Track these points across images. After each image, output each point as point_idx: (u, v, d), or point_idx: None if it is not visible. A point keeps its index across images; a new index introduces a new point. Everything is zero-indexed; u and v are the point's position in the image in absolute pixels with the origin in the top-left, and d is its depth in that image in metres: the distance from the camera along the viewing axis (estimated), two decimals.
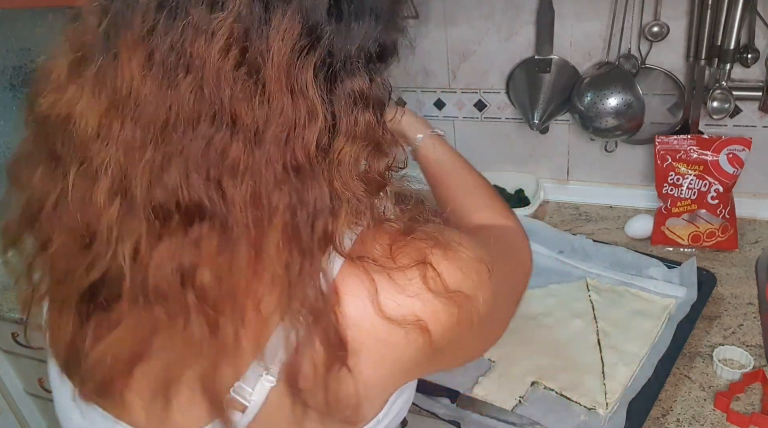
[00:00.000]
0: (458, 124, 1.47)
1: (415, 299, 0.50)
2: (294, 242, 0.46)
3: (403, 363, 0.52)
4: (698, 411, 0.90)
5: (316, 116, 0.46)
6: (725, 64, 1.13)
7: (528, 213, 1.35)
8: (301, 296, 0.47)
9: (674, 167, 1.20)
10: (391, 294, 0.49)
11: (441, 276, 0.50)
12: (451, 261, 0.52)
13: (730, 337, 1.02)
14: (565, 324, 1.05)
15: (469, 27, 1.33)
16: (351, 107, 0.48)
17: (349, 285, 0.49)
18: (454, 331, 0.52)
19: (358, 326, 0.49)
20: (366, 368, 0.50)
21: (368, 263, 0.50)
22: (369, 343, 0.50)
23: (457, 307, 0.51)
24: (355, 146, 0.48)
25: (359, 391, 0.51)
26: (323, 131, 0.46)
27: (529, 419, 0.90)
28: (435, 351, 0.52)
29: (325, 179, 0.47)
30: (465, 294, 0.52)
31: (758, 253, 1.20)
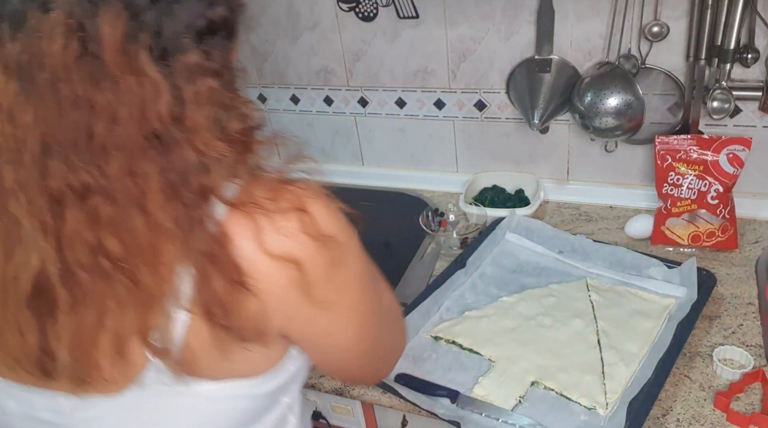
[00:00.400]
0: (458, 124, 1.47)
1: (292, 239, 0.58)
2: (176, 200, 0.54)
3: (286, 300, 0.59)
4: (698, 411, 0.90)
5: (160, 90, 0.52)
6: (725, 64, 1.13)
7: (528, 213, 1.35)
8: (195, 242, 0.55)
9: (674, 167, 1.20)
10: (271, 234, 0.57)
11: (316, 221, 0.59)
12: (327, 210, 0.61)
13: (730, 337, 1.02)
14: (565, 323, 1.05)
15: (469, 27, 1.33)
16: (191, 78, 0.54)
17: (235, 227, 0.57)
18: (327, 273, 0.60)
19: (245, 261, 0.57)
20: (258, 291, 0.58)
21: (250, 207, 0.57)
22: (255, 276, 0.57)
23: (328, 249, 0.60)
24: (203, 111, 0.54)
25: (259, 313, 0.59)
26: (172, 102, 0.53)
27: (529, 419, 0.90)
28: (312, 294, 0.60)
29: (187, 143, 0.54)
30: (337, 240, 0.61)
31: (758, 253, 1.20)
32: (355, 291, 0.66)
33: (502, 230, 1.30)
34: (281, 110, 1.64)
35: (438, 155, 1.55)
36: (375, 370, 0.79)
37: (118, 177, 0.52)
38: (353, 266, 0.65)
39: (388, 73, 1.46)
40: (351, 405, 1.09)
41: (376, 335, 0.72)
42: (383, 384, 0.97)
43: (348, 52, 1.47)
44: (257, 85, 1.62)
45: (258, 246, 0.57)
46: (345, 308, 0.65)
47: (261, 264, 0.57)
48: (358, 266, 0.66)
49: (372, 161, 1.64)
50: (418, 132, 1.53)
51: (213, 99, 0.55)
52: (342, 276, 0.63)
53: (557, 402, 0.93)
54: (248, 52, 1.57)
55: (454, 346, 1.05)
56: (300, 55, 1.52)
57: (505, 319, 1.08)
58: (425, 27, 1.36)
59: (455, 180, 1.53)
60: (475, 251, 1.24)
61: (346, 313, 0.66)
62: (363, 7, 1.38)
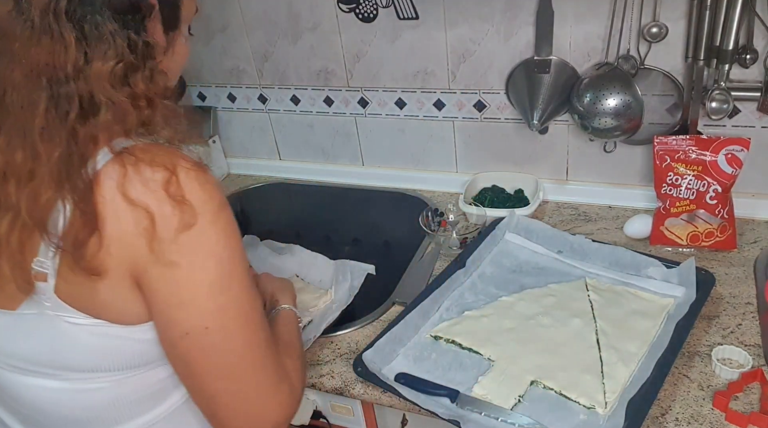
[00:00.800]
0: (458, 124, 1.48)
1: (151, 192, 0.65)
2: (59, 137, 0.64)
3: (132, 246, 0.66)
4: (697, 411, 0.90)
5: (69, 45, 0.63)
6: (724, 64, 1.13)
7: (527, 213, 1.35)
8: (70, 183, 0.64)
9: (673, 167, 1.21)
10: (134, 181, 0.65)
11: (180, 185, 0.66)
12: (198, 180, 0.67)
13: (728, 337, 1.02)
14: (564, 323, 1.06)
15: (468, 28, 1.33)
16: (102, 42, 0.65)
17: (107, 171, 0.66)
18: (177, 234, 0.66)
19: (106, 200, 0.65)
20: (108, 230, 0.66)
21: (126, 156, 0.66)
22: (111, 214, 0.65)
23: (183, 213, 0.66)
24: (106, 66, 0.65)
25: (102, 250, 0.66)
26: (78, 56, 0.64)
27: (528, 418, 0.91)
28: (158, 250, 0.66)
29: (83, 90, 0.64)
30: (195, 208, 0.66)
31: (757, 253, 1.20)
32: (204, 264, 0.69)
33: (502, 230, 1.30)
34: (281, 111, 1.65)
35: (438, 156, 1.55)
36: (232, 400, 0.74)
37: (17, 111, 0.64)
38: (209, 241, 0.68)
39: (388, 73, 1.46)
40: (351, 404, 1.09)
41: (229, 336, 0.71)
42: (383, 383, 0.98)
43: (348, 53, 1.47)
44: (257, 85, 1.62)
45: (118, 188, 0.65)
46: (192, 278, 0.68)
47: (116, 205, 0.65)
48: (216, 244, 0.69)
49: (372, 162, 1.64)
50: (417, 132, 1.53)
51: (121, 60, 0.65)
52: (192, 244, 0.67)
53: (556, 402, 0.93)
54: (249, 53, 1.57)
55: (454, 345, 1.06)
56: (300, 55, 1.52)
57: (505, 319, 1.09)
58: (425, 28, 1.36)
59: (455, 180, 1.53)
60: (475, 251, 1.24)
61: (192, 284, 0.68)
62: (363, 8, 1.39)
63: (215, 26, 1.56)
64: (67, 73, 0.64)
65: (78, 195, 0.65)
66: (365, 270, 1.24)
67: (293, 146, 1.71)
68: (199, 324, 0.69)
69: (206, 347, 0.71)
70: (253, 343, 0.74)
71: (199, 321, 0.69)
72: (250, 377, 0.74)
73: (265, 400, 0.76)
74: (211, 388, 0.73)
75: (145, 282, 0.68)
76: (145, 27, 0.69)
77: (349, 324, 1.15)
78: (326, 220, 1.53)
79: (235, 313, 0.72)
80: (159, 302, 0.69)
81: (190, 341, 0.70)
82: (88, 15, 0.64)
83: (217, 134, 1.75)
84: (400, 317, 1.09)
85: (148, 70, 0.69)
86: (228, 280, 0.70)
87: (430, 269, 1.28)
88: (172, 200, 0.65)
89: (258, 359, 0.75)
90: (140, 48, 0.68)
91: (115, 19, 0.66)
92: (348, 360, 1.07)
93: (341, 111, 1.58)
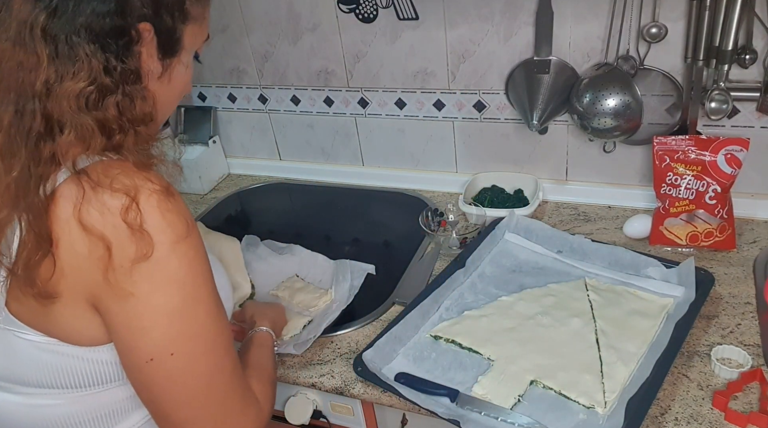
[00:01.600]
0: (458, 124, 1.48)
1: (108, 219, 0.63)
2: (19, 155, 0.63)
3: (86, 272, 0.64)
4: (696, 410, 0.90)
5: (41, 62, 0.63)
6: (723, 65, 1.14)
7: (527, 213, 1.35)
8: (26, 201, 0.63)
9: (672, 167, 1.21)
10: (91, 206, 0.63)
11: (140, 213, 0.64)
12: (160, 208, 0.65)
13: (728, 336, 1.02)
14: (563, 323, 1.06)
15: (468, 28, 1.33)
16: (75, 62, 0.64)
17: (64, 191, 0.64)
18: (132, 266, 0.64)
19: (61, 222, 0.64)
20: (62, 255, 0.64)
21: (85, 178, 0.64)
22: (65, 238, 0.64)
23: (140, 244, 0.63)
24: (76, 86, 0.63)
25: (55, 274, 0.65)
26: (50, 73, 0.63)
27: (528, 418, 0.91)
28: (112, 279, 0.64)
29: (50, 109, 0.63)
30: (153, 239, 0.64)
31: (756, 253, 1.20)
32: (165, 291, 0.66)
33: (502, 230, 1.30)
34: (282, 111, 1.65)
35: (437, 156, 1.55)
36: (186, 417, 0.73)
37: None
38: (168, 269, 0.66)
39: (388, 74, 1.47)
40: (351, 404, 1.10)
41: (194, 361, 0.70)
42: (383, 383, 0.98)
43: (348, 54, 1.47)
44: (258, 85, 1.63)
45: (74, 212, 0.63)
46: (151, 305, 0.66)
47: (71, 229, 0.63)
48: (178, 271, 0.66)
49: (372, 162, 1.64)
50: (417, 133, 1.53)
51: (93, 82, 0.64)
52: (150, 272, 0.65)
53: (556, 401, 0.94)
54: (249, 53, 1.58)
55: (454, 345, 1.06)
56: (300, 56, 1.52)
57: (505, 318, 1.09)
58: (425, 28, 1.37)
59: (455, 180, 1.53)
60: (475, 250, 1.24)
61: (152, 311, 0.66)
62: (363, 8, 1.39)
63: (216, 26, 1.56)
64: (35, 89, 0.63)
65: (33, 214, 0.63)
66: (365, 270, 1.24)
67: (293, 146, 1.71)
68: (164, 350, 0.68)
69: (171, 373, 0.69)
70: (219, 369, 0.72)
71: (163, 347, 0.68)
72: (216, 403, 0.72)
73: (233, 425, 0.74)
74: (177, 415, 0.71)
75: (103, 309, 0.67)
76: (131, 52, 0.67)
77: (349, 323, 1.15)
78: (326, 220, 1.53)
79: (200, 339, 0.70)
80: (119, 329, 0.68)
81: (155, 367, 0.68)
82: (64, 34, 0.63)
83: (218, 134, 1.75)
84: (400, 317, 1.09)
85: (123, 95, 0.67)
86: (192, 306, 0.69)
87: (430, 269, 1.28)
88: (130, 229, 0.63)
89: (224, 385, 0.73)
90: (118, 72, 0.66)
91: (93, 41, 0.64)
92: (348, 359, 1.07)
93: (341, 111, 1.58)
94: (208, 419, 0.72)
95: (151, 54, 0.70)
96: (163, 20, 0.70)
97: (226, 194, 1.70)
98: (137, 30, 0.67)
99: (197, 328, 0.70)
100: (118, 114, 0.66)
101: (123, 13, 0.65)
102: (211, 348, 0.71)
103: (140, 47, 0.69)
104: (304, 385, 1.07)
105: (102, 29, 0.64)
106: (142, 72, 0.70)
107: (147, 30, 0.68)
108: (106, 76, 0.65)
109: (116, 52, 0.66)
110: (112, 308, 0.66)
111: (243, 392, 0.76)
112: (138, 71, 0.69)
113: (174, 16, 0.71)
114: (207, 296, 0.71)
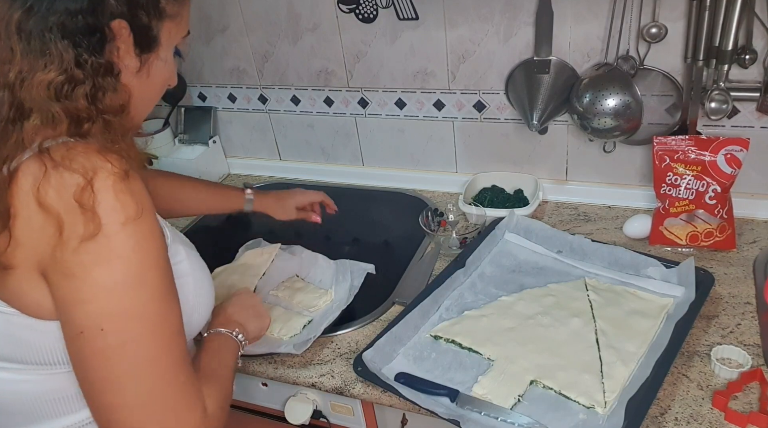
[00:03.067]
0: (458, 124, 1.48)
1: (61, 197, 0.65)
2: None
3: (37, 245, 0.66)
4: (696, 410, 0.90)
5: (15, 55, 0.66)
6: (723, 65, 1.14)
7: (527, 213, 1.35)
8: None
9: (672, 167, 1.21)
10: (48, 184, 0.65)
11: (93, 194, 0.65)
12: (114, 192, 0.66)
13: (727, 336, 1.02)
14: (563, 323, 1.06)
15: (468, 28, 1.33)
16: (47, 56, 0.66)
17: (26, 168, 0.66)
18: (77, 245, 0.65)
19: (20, 198, 0.66)
20: (18, 229, 0.66)
21: (47, 157, 0.66)
22: (23, 213, 0.66)
23: (88, 224, 0.65)
24: (47, 77, 0.66)
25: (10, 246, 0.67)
26: (23, 65, 0.66)
27: (528, 417, 0.91)
28: (58, 255, 0.65)
29: (21, 97, 0.66)
30: (101, 221, 0.65)
31: (756, 253, 1.20)
32: (109, 265, 0.67)
33: (501, 230, 1.31)
34: (282, 111, 1.65)
35: (437, 156, 1.55)
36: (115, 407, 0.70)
37: None
38: (114, 245, 0.67)
39: (388, 74, 1.47)
40: (351, 404, 1.10)
41: (128, 342, 0.69)
42: (383, 383, 0.98)
43: (348, 54, 1.47)
44: (258, 85, 1.63)
45: (32, 190, 0.65)
46: (93, 277, 0.66)
47: (29, 206, 0.65)
48: (123, 248, 0.67)
49: (372, 162, 1.64)
50: (417, 133, 1.53)
51: (63, 73, 0.66)
52: (96, 249, 0.66)
53: (556, 401, 0.94)
54: (249, 53, 1.58)
55: (454, 345, 1.06)
56: (300, 56, 1.52)
57: (504, 318, 1.09)
58: (425, 28, 1.37)
59: (454, 180, 1.53)
60: (475, 250, 1.24)
61: (93, 283, 0.67)
62: (363, 8, 1.39)
63: (216, 26, 1.56)
64: (8, 80, 0.66)
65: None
66: (365, 270, 1.24)
67: (293, 146, 1.71)
68: (94, 324, 0.67)
69: (100, 349, 0.68)
70: (156, 357, 0.70)
71: (95, 320, 0.67)
72: (150, 393, 0.70)
73: (169, 423, 0.71)
74: (106, 398, 0.69)
75: (51, 282, 0.68)
76: (104, 48, 0.70)
77: (349, 323, 1.15)
78: (326, 220, 1.53)
79: (138, 321, 0.69)
80: (59, 299, 0.68)
81: (84, 341, 0.68)
82: (38, 30, 0.66)
83: (218, 134, 1.75)
84: (400, 317, 1.09)
85: (93, 87, 0.69)
86: (136, 286, 0.68)
87: (430, 269, 1.28)
88: (81, 209, 0.65)
89: (162, 375, 0.70)
90: (90, 65, 0.68)
91: (66, 37, 0.67)
92: (348, 359, 1.07)
93: (341, 111, 1.58)
94: (140, 409, 0.70)
95: (128, 50, 0.72)
96: (139, 18, 0.72)
97: None
98: (110, 27, 0.69)
99: (138, 309, 0.69)
100: (87, 104, 0.69)
101: (95, 11, 0.68)
102: (149, 333, 0.70)
103: (117, 43, 0.71)
104: (304, 385, 1.07)
105: (75, 27, 0.67)
106: (116, 66, 0.72)
107: (123, 27, 0.71)
108: (77, 68, 0.68)
109: (88, 48, 0.68)
110: (58, 282, 0.67)
111: (186, 389, 0.73)
112: (111, 65, 0.71)
113: (149, 13, 0.73)
114: (155, 280, 0.70)
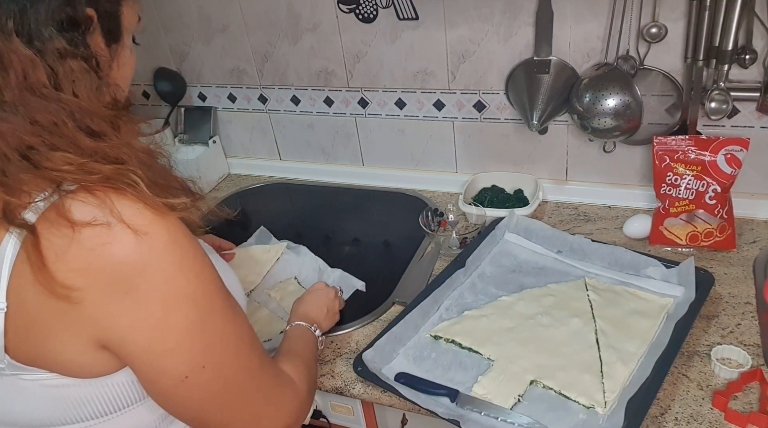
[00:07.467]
0: (458, 124, 1.48)
1: (89, 261, 0.61)
2: None
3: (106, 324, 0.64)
4: (696, 410, 0.90)
5: (9, 61, 0.63)
6: (723, 65, 1.14)
7: (527, 213, 1.35)
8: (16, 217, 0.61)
9: (672, 167, 1.21)
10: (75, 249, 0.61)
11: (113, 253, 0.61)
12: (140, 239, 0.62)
13: (727, 336, 1.02)
14: (563, 323, 1.06)
15: (468, 28, 1.33)
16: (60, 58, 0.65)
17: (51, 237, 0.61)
18: (119, 300, 0.62)
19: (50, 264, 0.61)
20: None
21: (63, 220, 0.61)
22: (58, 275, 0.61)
23: (121, 280, 0.62)
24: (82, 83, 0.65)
25: None
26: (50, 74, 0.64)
27: (528, 417, 0.91)
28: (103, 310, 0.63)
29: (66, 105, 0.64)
30: (134, 270, 0.62)
31: (756, 253, 1.20)
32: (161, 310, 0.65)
33: (501, 230, 1.31)
34: (282, 111, 1.65)
35: (437, 156, 1.55)
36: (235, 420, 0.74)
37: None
38: (176, 285, 0.65)
39: (388, 74, 1.47)
40: (351, 403, 1.10)
41: (224, 367, 0.71)
42: (383, 383, 0.98)
43: (348, 54, 1.47)
44: (258, 85, 1.63)
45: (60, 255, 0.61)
46: (149, 325, 0.65)
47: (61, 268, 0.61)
48: (187, 285, 0.66)
49: (372, 162, 1.64)
50: (417, 133, 1.53)
51: (85, 76, 0.65)
52: (137, 301, 0.63)
53: (556, 401, 0.94)
54: (249, 53, 1.58)
55: (454, 345, 1.06)
56: (300, 56, 1.52)
57: (504, 318, 1.09)
58: (425, 28, 1.37)
59: (454, 180, 1.53)
60: (475, 250, 1.24)
61: (154, 329, 0.65)
62: (363, 8, 1.39)
63: (216, 26, 1.56)
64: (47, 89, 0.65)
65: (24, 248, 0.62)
66: (354, 286, 1.24)
67: (293, 146, 1.71)
68: (196, 364, 0.68)
69: (208, 384, 0.70)
70: (248, 366, 0.74)
71: (193, 361, 0.68)
72: (251, 397, 0.74)
73: (270, 412, 0.77)
74: (218, 420, 0.73)
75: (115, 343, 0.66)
76: (86, 40, 0.68)
77: (349, 323, 1.15)
78: (326, 220, 1.53)
79: (222, 345, 0.70)
80: (141, 356, 0.67)
81: (191, 383, 0.68)
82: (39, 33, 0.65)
83: (218, 134, 1.75)
84: (400, 317, 1.09)
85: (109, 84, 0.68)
86: (210, 317, 0.69)
87: (430, 269, 1.28)
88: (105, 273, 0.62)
89: (257, 378, 0.75)
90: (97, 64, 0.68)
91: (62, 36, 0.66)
92: (348, 359, 1.07)
93: (341, 111, 1.58)
94: (247, 413, 0.74)
95: (99, 42, 0.71)
96: (101, 3, 0.70)
97: (226, 194, 1.70)
98: (84, 16, 0.68)
99: (218, 335, 0.70)
100: (110, 97, 0.68)
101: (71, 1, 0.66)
102: (233, 347, 0.72)
103: (92, 36, 0.69)
104: None
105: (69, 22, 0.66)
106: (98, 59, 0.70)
107: (91, 15, 0.69)
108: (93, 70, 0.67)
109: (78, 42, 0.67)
110: (115, 332, 0.65)
111: (275, 378, 0.79)
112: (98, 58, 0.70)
113: None
114: (220, 301, 0.71)
